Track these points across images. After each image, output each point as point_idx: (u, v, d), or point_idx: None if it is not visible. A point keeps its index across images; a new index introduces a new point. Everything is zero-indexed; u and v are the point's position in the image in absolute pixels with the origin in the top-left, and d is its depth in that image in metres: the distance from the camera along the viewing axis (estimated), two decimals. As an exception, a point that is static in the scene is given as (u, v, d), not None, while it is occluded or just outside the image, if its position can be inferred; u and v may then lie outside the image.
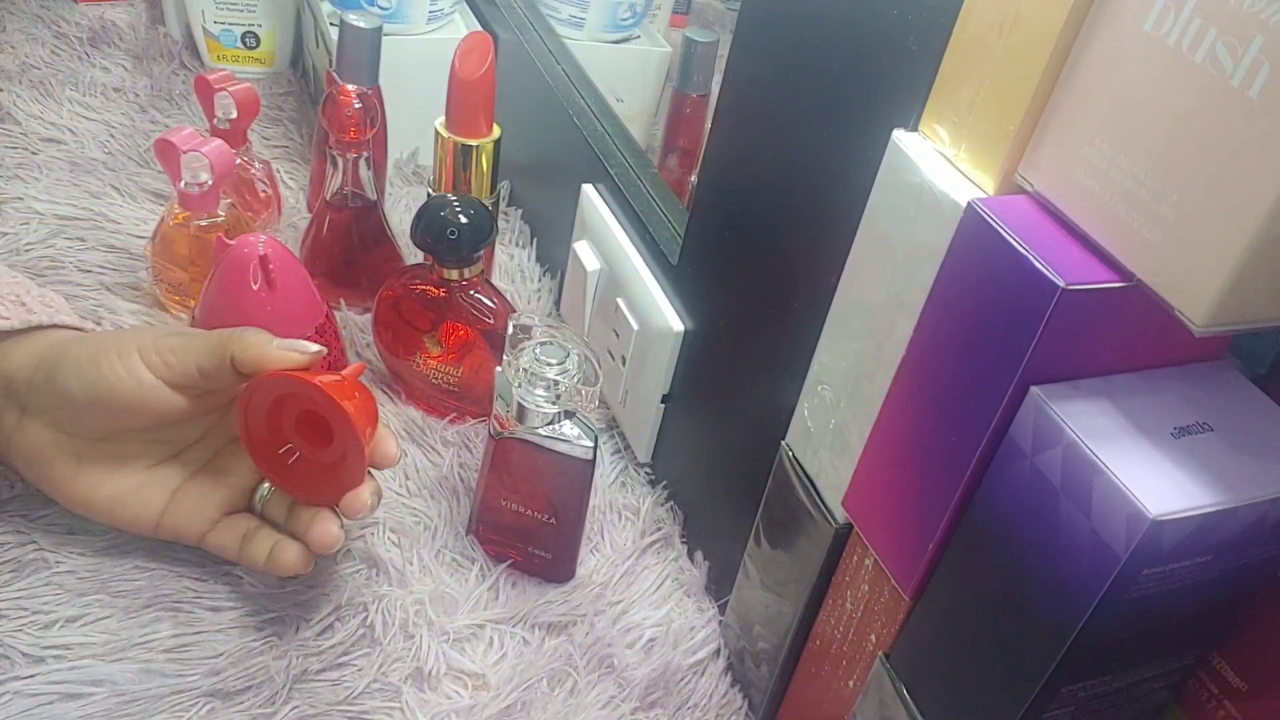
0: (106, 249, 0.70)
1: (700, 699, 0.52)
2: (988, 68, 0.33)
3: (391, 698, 0.49)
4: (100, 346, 0.47)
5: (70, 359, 0.47)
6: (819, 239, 0.43)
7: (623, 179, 0.64)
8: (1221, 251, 0.26)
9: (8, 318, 0.48)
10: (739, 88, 0.49)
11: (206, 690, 0.47)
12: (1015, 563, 0.32)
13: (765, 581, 0.49)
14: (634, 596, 0.56)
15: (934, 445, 0.35)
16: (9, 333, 0.49)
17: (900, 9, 0.37)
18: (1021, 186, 0.33)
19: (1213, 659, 0.36)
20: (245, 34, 0.90)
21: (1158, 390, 0.32)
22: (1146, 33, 0.28)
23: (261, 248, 0.56)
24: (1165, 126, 0.28)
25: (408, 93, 0.76)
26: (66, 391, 0.46)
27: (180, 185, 0.62)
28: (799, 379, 0.44)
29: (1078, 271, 0.30)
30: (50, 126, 0.80)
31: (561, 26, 0.82)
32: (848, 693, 0.43)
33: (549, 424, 0.50)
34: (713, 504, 0.57)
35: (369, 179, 0.66)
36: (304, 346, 0.47)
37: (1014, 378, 0.31)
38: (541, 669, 0.51)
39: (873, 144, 0.37)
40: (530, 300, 0.75)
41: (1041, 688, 0.32)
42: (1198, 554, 0.30)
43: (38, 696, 0.45)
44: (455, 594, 0.54)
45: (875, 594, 0.40)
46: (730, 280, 0.52)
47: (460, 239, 0.58)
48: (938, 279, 0.34)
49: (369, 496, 0.48)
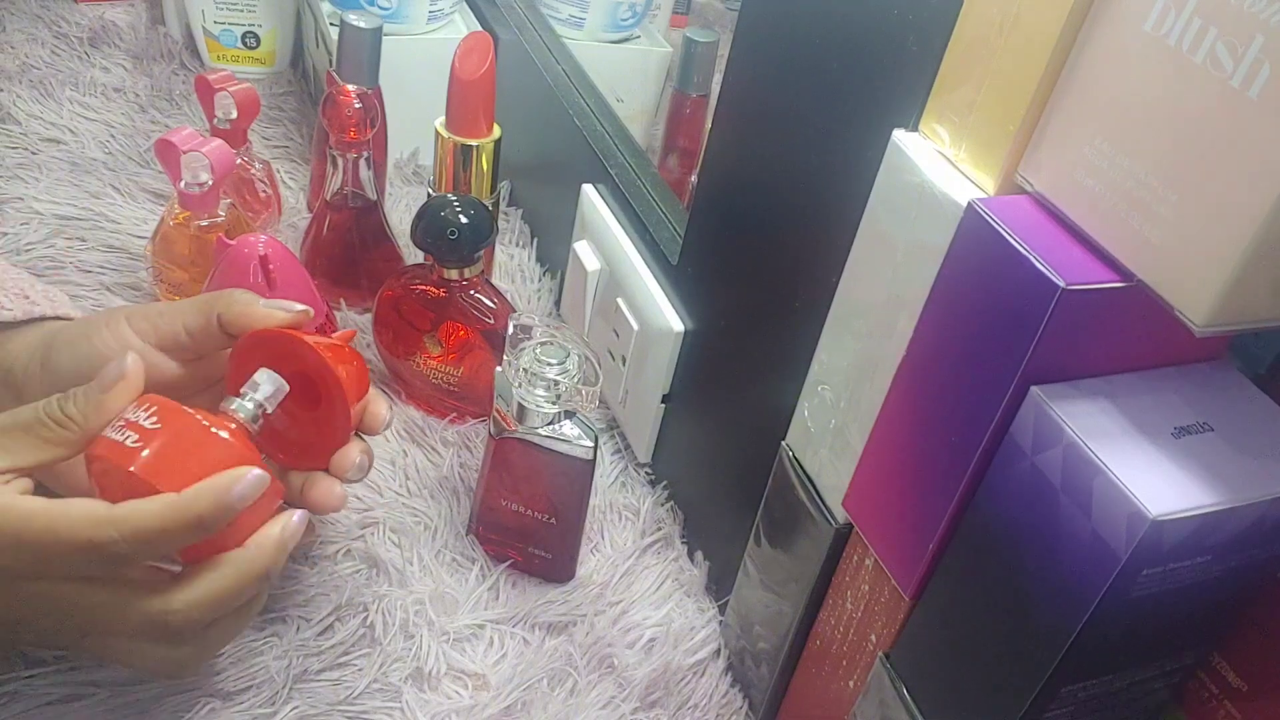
0: (106, 249, 0.70)
1: (700, 699, 0.52)
2: (988, 68, 0.33)
3: (392, 698, 0.49)
4: (90, 323, 0.47)
5: (63, 339, 0.47)
6: (819, 239, 0.43)
7: (623, 179, 0.64)
8: (1221, 251, 0.27)
9: (10, 309, 0.49)
10: (739, 88, 0.49)
11: (207, 690, 0.47)
12: (1015, 563, 0.32)
13: (765, 581, 0.49)
14: (634, 596, 0.56)
15: (934, 445, 0.35)
16: (11, 324, 0.49)
17: (900, 9, 0.37)
18: (1022, 186, 0.33)
19: (1213, 659, 0.36)
20: (245, 34, 0.90)
21: (1158, 390, 0.32)
22: (1147, 33, 0.28)
23: (261, 248, 0.56)
24: (1165, 126, 0.28)
25: (408, 93, 0.76)
26: (59, 370, 0.46)
27: (180, 185, 0.62)
28: (799, 379, 0.44)
29: (1078, 271, 0.30)
30: (50, 126, 0.80)
31: (561, 26, 0.82)
32: (848, 693, 0.43)
33: (549, 424, 0.50)
34: (713, 504, 0.57)
35: (369, 179, 0.66)
36: (290, 305, 0.46)
37: (1014, 377, 0.31)
38: (541, 669, 0.51)
39: (873, 144, 0.37)
40: (530, 300, 0.75)
41: (1041, 688, 0.32)
42: (1198, 554, 0.30)
43: (38, 696, 0.45)
44: (455, 594, 0.54)
45: (875, 594, 0.40)
46: (730, 280, 0.52)
47: (460, 239, 0.58)
48: (938, 279, 0.34)
49: (357, 455, 0.47)
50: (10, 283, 0.50)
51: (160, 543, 0.38)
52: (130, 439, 0.39)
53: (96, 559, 0.37)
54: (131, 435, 0.39)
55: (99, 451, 0.40)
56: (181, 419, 0.40)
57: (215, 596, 0.40)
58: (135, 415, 0.40)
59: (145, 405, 0.40)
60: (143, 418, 0.40)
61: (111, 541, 0.37)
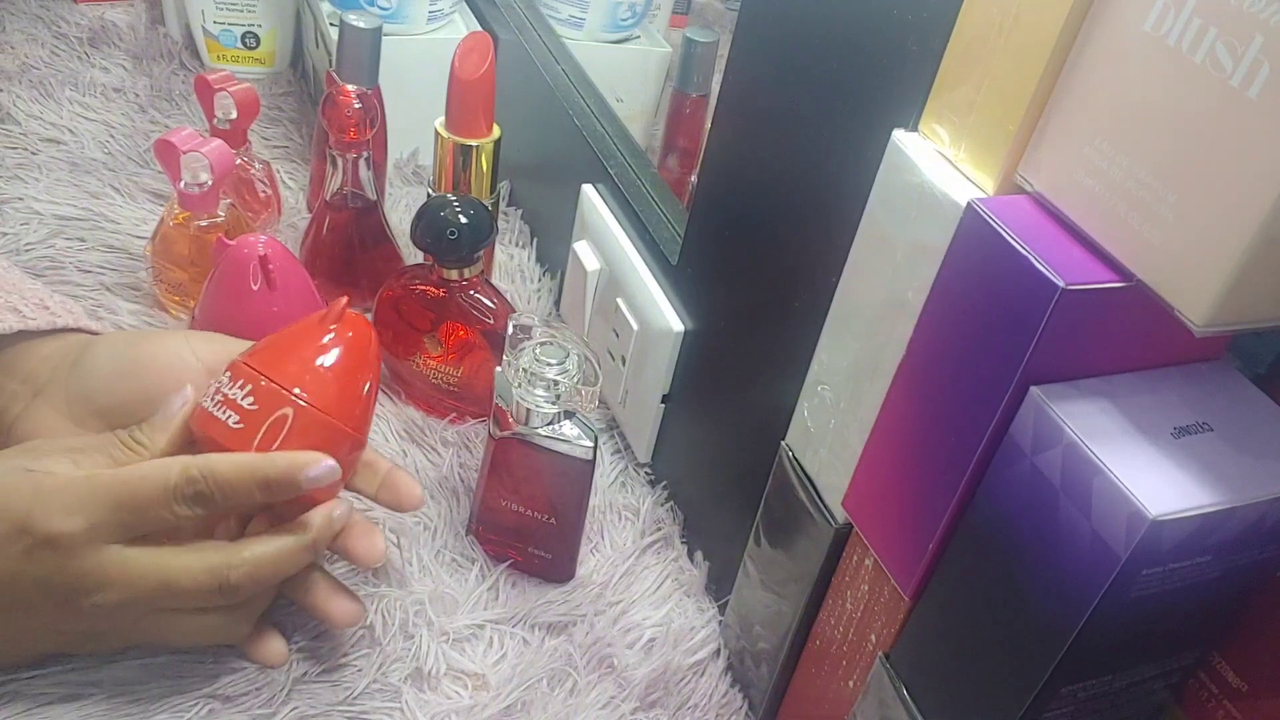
0: (106, 249, 0.70)
1: (700, 699, 0.52)
2: (988, 68, 0.33)
3: (391, 698, 0.49)
4: (144, 332, 0.49)
5: (105, 343, 0.49)
6: (819, 239, 0.43)
7: (623, 179, 0.64)
8: (1221, 251, 0.27)
9: (34, 319, 0.49)
10: (739, 88, 0.49)
11: (206, 691, 0.47)
12: (1015, 563, 0.32)
13: (765, 581, 0.49)
14: (634, 596, 0.56)
15: (934, 445, 0.35)
16: (34, 333, 0.49)
17: (900, 9, 0.37)
18: (1021, 186, 0.33)
19: (1213, 659, 0.36)
20: (245, 34, 0.90)
21: (1158, 390, 0.32)
22: (1146, 33, 0.28)
23: (261, 248, 0.56)
24: (1165, 126, 0.28)
25: (408, 93, 0.76)
26: (94, 368, 0.47)
27: (180, 185, 0.62)
28: (799, 379, 0.44)
29: (1078, 271, 0.30)
30: (50, 126, 0.80)
31: (561, 26, 0.82)
32: (848, 693, 0.43)
33: (549, 424, 0.50)
34: (713, 504, 0.57)
35: (369, 179, 0.66)
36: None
37: (1014, 378, 0.31)
38: (541, 669, 0.51)
39: (873, 144, 0.37)
40: (530, 300, 0.75)
41: (1041, 688, 0.32)
42: (1198, 554, 0.30)
43: (38, 697, 0.45)
44: (455, 594, 0.54)
45: (875, 594, 0.40)
46: (730, 280, 0.52)
47: (460, 239, 0.58)
48: (938, 279, 0.34)
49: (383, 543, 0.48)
50: (29, 293, 0.51)
51: (236, 488, 0.42)
52: (232, 419, 0.44)
53: (182, 498, 0.42)
54: (233, 415, 0.44)
55: (204, 431, 0.45)
56: (277, 400, 0.44)
57: (271, 557, 0.44)
58: (232, 391, 0.44)
59: (239, 381, 0.44)
60: (240, 396, 0.44)
61: (194, 480, 0.42)
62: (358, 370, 0.47)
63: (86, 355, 0.48)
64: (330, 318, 0.47)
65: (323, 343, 0.46)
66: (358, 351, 0.47)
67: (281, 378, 0.44)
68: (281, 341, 0.47)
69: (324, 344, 0.46)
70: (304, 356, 0.46)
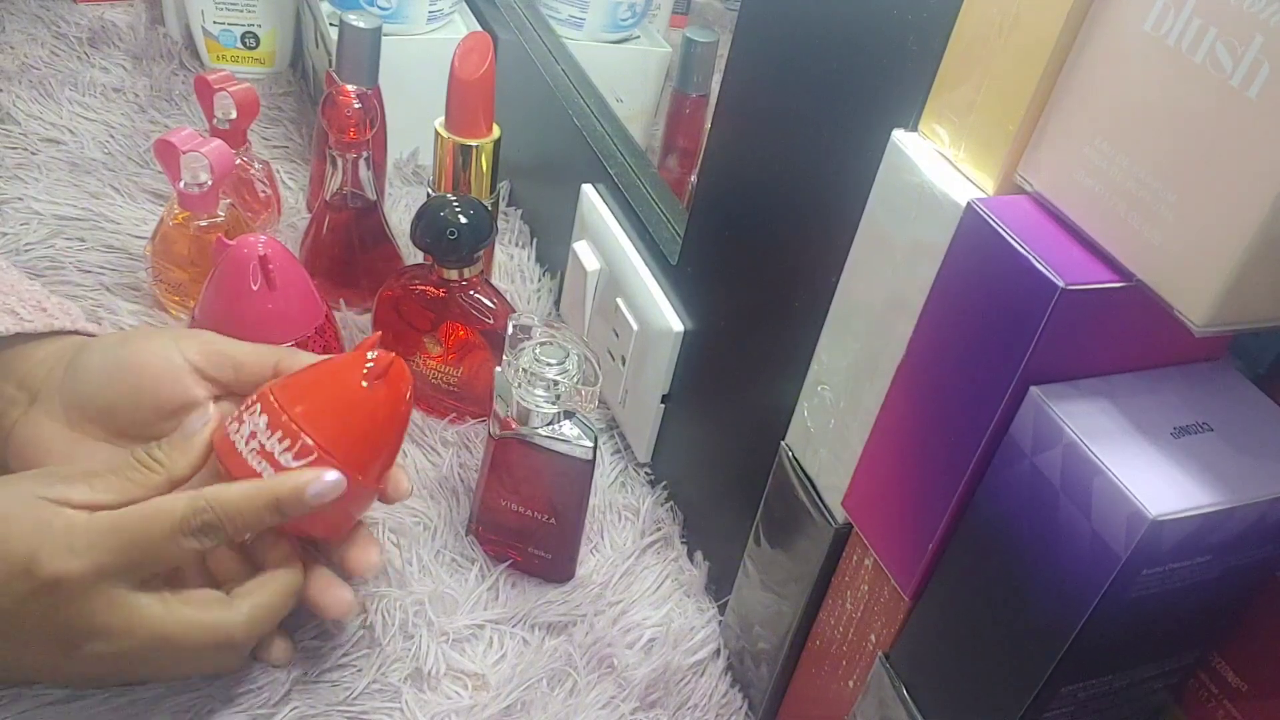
0: (106, 249, 0.70)
1: (700, 699, 0.52)
2: (988, 68, 0.33)
3: (391, 698, 0.49)
4: (134, 331, 0.48)
5: (97, 344, 0.49)
6: (819, 239, 0.43)
7: (623, 179, 0.64)
8: (1221, 251, 0.27)
9: (31, 320, 0.49)
10: (739, 88, 0.49)
11: (206, 691, 0.47)
12: (1015, 563, 0.32)
13: (765, 581, 0.49)
14: (634, 596, 0.56)
15: (934, 445, 0.35)
16: (31, 335, 0.49)
17: (900, 9, 0.37)
18: (1021, 186, 0.33)
19: (1213, 659, 0.36)
20: (245, 34, 0.90)
21: (1158, 390, 0.32)
22: (1146, 33, 0.28)
23: (261, 248, 0.56)
24: (1165, 126, 0.28)
25: (408, 93, 0.76)
26: (86, 372, 0.47)
27: (180, 185, 0.62)
28: (799, 379, 0.44)
29: (1078, 271, 0.30)
30: (50, 127, 0.80)
31: (561, 26, 0.82)
32: (848, 693, 0.43)
33: (549, 424, 0.50)
34: (713, 504, 0.57)
35: (369, 179, 0.66)
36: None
37: (1014, 378, 0.31)
38: (541, 669, 0.51)
39: (873, 144, 0.37)
40: (530, 300, 0.75)
41: (1041, 688, 0.32)
42: (1198, 554, 0.30)
43: (38, 697, 0.45)
44: (455, 594, 0.54)
45: (875, 594, 0.40)
46: (730, 280, 0.52)
47: (460, 239, 0.58)
48: (937, 279, 0.34)
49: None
50: (27, 294, 0.51)
51: (245, 515, 0.42)
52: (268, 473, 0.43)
53: (190, 530, 0.41)
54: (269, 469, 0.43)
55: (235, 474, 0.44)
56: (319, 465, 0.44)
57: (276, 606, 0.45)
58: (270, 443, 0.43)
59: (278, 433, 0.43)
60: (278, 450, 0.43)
61: (203, 510, 0.41)
62: (396, 432, 0.47)
63: (80, 358, 0.48)
64: (377, 370, 0.45)
65: (366, 402, 0.45)
66: (399, 417, 0.47)
67: (325, 440, 0.44)
68: (320, 390, 0.45)
69: (368, 404, 0.45)
70: (349, 421, 0.45)
